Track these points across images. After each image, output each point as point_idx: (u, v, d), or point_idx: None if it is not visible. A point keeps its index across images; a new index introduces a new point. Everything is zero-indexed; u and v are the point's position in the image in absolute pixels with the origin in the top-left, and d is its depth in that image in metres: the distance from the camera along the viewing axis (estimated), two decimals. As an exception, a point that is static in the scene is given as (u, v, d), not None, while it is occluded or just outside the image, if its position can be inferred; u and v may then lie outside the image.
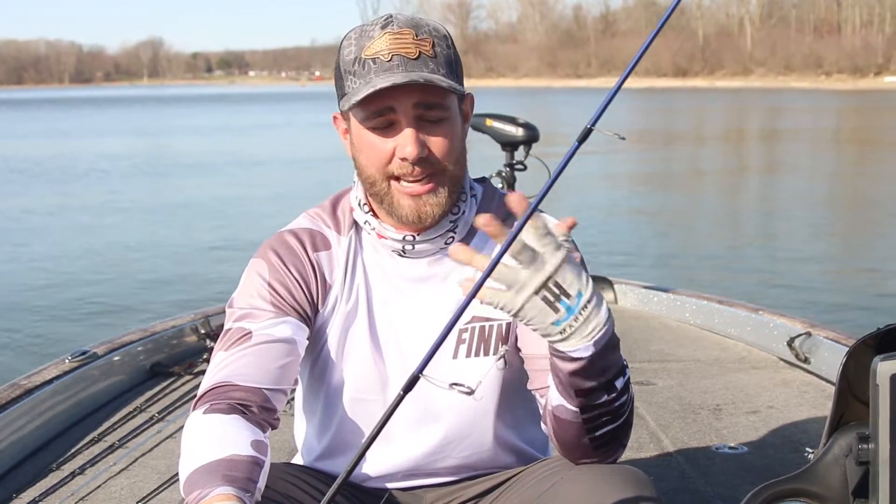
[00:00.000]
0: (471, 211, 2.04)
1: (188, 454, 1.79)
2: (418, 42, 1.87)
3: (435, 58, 1.88)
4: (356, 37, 1.91)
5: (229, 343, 1.96)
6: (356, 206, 2.05)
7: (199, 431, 1.84)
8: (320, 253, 2.04)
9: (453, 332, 2.00)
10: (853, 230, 16.24)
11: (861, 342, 1.74)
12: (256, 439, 1.82)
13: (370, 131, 1.91)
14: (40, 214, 18.92)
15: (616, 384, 1.76)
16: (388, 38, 1.86)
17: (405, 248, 2.00)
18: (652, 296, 5.75)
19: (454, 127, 1.93)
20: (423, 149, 1.88)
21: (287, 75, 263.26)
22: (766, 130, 42.38)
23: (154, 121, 62.16)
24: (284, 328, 1.96)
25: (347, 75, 1.90)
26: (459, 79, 1.95)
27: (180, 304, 10.35)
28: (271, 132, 46.59)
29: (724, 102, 70.42)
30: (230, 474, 1.71)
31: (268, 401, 1.92)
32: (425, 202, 1.92)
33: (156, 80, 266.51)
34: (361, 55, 1.88)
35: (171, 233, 16.48)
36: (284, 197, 20.42)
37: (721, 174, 25.80)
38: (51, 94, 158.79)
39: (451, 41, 1.94)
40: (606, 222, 16.99)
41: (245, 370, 1.92)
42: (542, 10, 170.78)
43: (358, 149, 1.95)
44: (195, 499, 1.68)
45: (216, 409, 1.87)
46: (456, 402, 2.03)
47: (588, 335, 1.64)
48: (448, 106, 1.91)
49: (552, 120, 45.22)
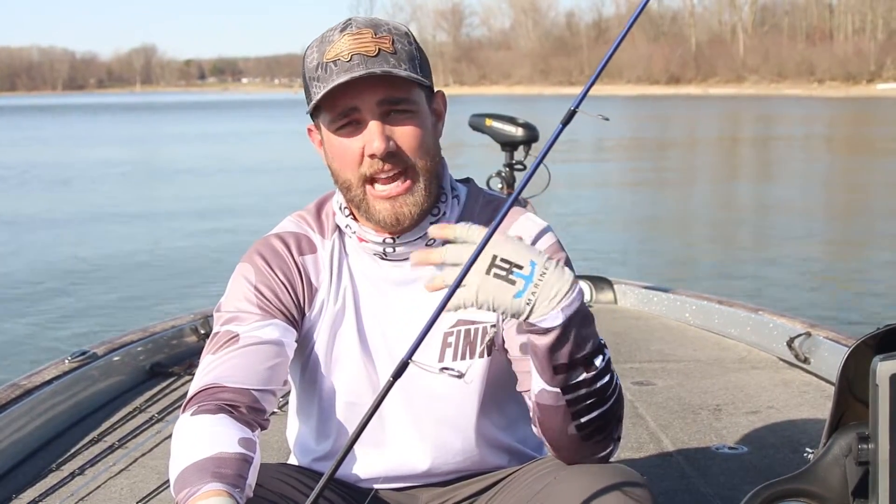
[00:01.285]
0: (452, 212, 2.04)
1: (177, 455, 1.80)
2: (377, 40, 1.88)
3: (395, 53, 1.88)
4: (317, 44, 1.93)
5: (217, 346, 1.96)
6: (338, 211, 2.06)
7: (187, 432, 1.84)
8: (306, 256, 2.05)
9: (439, 336, 2.01)
10: (853, 231, 16.29)
11: (861, 342, 1.75)
12: (244, 437, 1.83)
13: (337, 134, 1.92)
14: (39, 217, 18.91)
15: (595, 362, 1.78)
16: (347, 39, 1.88)
17: (386, 251, 2.01)
18: (652, 296, 5.76)
19: (423, 122, 1.93)
20: (390, 142, 1.89)
21: (280, 82, 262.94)
22: (761, 137, 42.45)
23: (148, 127, 62.10)
24: (271, 330, 1.97)
25: (312, 82, 1.91)
26: (424, 74, 1.94)
27: (180, 305, 10.36)
28: (265, 138, 46.59)
29: (718, 110, 70.50)
30: (219, 471, 1.72)
31: (256, 402, 1.92)
32: (402, 203, 1.92)
33: (149, 86, 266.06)
34: (323, 59, 1.89)
35: (171, 234, 16.52)
36: (283, 200, 20.42)
37: (719, 178, 25.87)
38: (44, 100, 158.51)
39: (412, 38, 1.95)
40: (607, 223, 17.03)
41: (232, 372, 1.92)
42: (534, 17, 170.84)
43: (331, 156, 1.97)
44: (185, 496, 1.69)
45: (204, 410, 1.87)
46: (449, 402, 2.04)
47: (553, 298, 1.69)
48: (414, 100, 1.91)
49: (545, 126, 45.24)
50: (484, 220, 2.02)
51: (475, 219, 2.04)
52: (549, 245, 2.03)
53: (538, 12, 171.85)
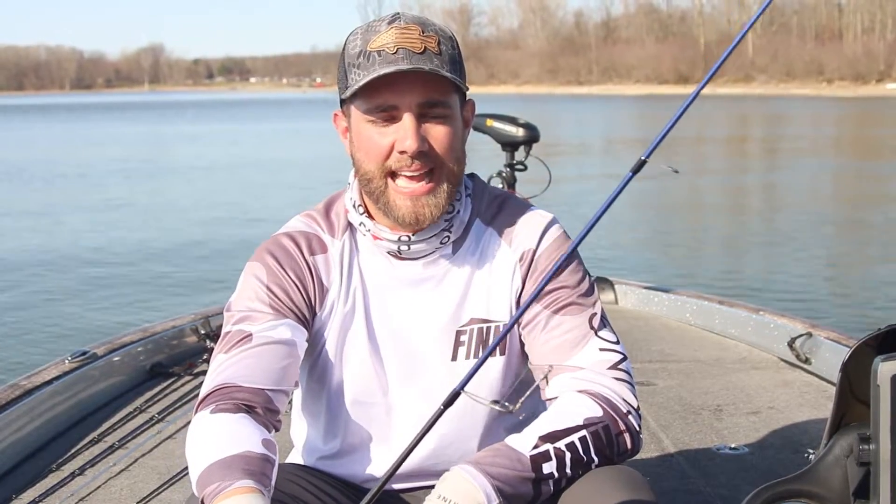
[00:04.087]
0: (466, 209, 2.04)
1: (200, 451, 1.79)
2: (424, 38, 1.87)
3: (440, 55, 1.88)
4: (362, 32, 1.91)
5: (229, 345, 1.96)
6: (351, 208, 2.05)
7: (209, 429, 1.83)
8: (317, 256, 2.04)
9: (452, 334, 2.01)
10: (854, 231, 16.24)
11: (862, 343, 1.74)
12: (266, 438, 1.83)
13: (370, 124, 1.90)
14: (39, 216, 18.93)
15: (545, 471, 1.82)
16: (394, 32, 1.86)
17: (400, 248, 2.00)
18: (652, 296, 5.75)
19: (455, 127, 1.93)
20: (424, 143, 1.88)
21: (288, 82, 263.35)
22: (767, 136, 42.39)
23: (153, 125, 62.09)
24: (284, 330, 1.96)
25: (352, 68, 1.89)
26: (463, 79, 1.94)
27: (180, 305, 10.35)
28: (271, 137, 46.58)
29: (726, 109, 70.36)
30: (248, 468, 1.72)
31: (270, 402, 1.92)
32: (424, 204, 1.92)
33: (157, 86, 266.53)
34: (367, 48, 1.87)
35: (171, 234, 16.50)
36: (285, 199, 20.44)
37: (722, 177, 25.78)
38: (52, 100, 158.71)
39: (456, 42, 1.95)
40: (607, 223, 16.96)
41: (247, 371, 1.91)
42: (543, 16, 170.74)
43: (357, 145, 1.95)
44: (213, 491, 1.68)
45: (223, 409, 1.87)
46: (458, 404, 2.02)
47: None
48: (451, 105, 1.91)
49: (553, 126, 45.27)
50: (490, 216, 2.05)
51: (482, 215, 2.06)
52: (556, 237, 2.04)
53: (546, 11, 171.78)
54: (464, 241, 2.03)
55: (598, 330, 1.98)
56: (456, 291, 2.02)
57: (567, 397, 1.92)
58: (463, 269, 2.02)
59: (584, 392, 1.92)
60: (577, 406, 1.88)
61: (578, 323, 1.98)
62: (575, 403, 1.89)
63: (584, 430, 1.84)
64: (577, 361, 1.95)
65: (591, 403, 1.89)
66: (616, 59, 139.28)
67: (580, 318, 1.98)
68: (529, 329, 1.99)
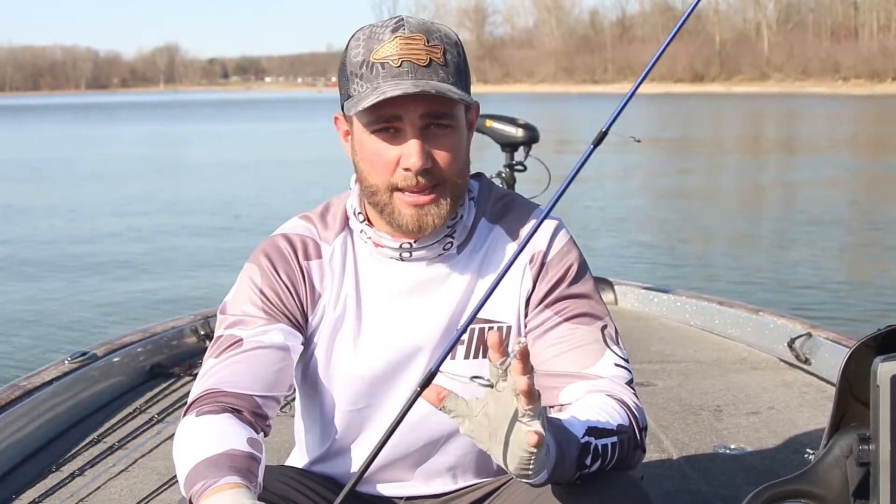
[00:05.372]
0: (469, 213, 2.03)
1: (185, 452, 1.80)
2: (429, 49, 1.84)
3: (445, 66, 1.85)
4: (365, 38, 1.88)
5: (220, 350, 1.96)
6: (352, 216, 2.04)
7: (193, 431, 1.84)
8: (311, 261, 2.03)
9: (452, 334, 1.98)
10: (854, 231, 16.15)
11: (862, 343, 1.74)
12: (252, 437, 1.83)
13: (374, 136, 1.88)
14: (38, 215, 18.98)
15: (586, 462, 1.76)
16: (398, 42, 1.83)
17: (402, 255, 1.99)
18: (652, 297, 5.74)
19: (460, 137, 1.91)
20: (428, 160, 1.86)
21: (303, 81, 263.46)
22: (780, 135, 42.25)
23: (161, 126, 62.18)
24: (276, 335, 1.96)
25: (354, 77, 1.87)
26: (467, 87, 1.92)
27: (180, 305, 10.37)
28: (279, 137, 46.64)
29: (741, 108, 70.17)
30: (234, 465, 1.73)
31: (258, 407, 1.92)
32: (427, 212, 1.90)
33: (172, 85, 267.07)
34: (370, 58, 1.84)
35: (171, 233, 16.51)
36: (287, 199, 20.47)
37: (727, 177, 25.72)
38: (67, 100, 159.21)
39: (461, 48, 1.92)
40: (607, 223, 16.97)
41: (235, 377, 1.92)
42: (558, 14, 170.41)
43: (360, 155, 1.93)
44: (200, 489, 1.69)
45: (208, 412, 1.87)
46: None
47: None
48: (456, 116, 1.89)
49: (568, 125, 45.22)
50: (496, 215, 2.04)
51: (488, 213, 2.05)
52: (565, 241, 2.03)
53: (562, 10, 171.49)
54: (469, 241, 2.02)
55: (610, 345, 1.97)
56: (459, 291, 2.00)
57: (600, 398, 1.88)
58: (468, 270, 2.01)
59: (613, 398, 1.90)
60: (613, 410, 1.86)
61: (592, 334, 1.97)
62: (611, 406, 1.86)
63: (617, 436, 1.81)
64: (596, 371, 1.94)
65: (623, 412, 1.87)
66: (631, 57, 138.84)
67: (593, 328, 1.97)
68: (538, 334, 1.98)
